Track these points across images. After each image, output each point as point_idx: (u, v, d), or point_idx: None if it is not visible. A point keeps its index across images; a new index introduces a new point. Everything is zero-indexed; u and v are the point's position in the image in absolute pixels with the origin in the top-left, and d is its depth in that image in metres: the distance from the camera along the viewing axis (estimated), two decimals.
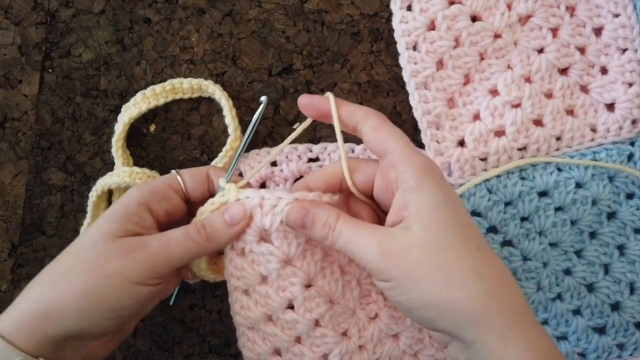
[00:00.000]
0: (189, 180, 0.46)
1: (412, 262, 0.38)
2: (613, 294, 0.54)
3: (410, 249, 0.38)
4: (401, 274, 0.38)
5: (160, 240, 0.42)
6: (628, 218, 0.54)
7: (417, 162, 0.40)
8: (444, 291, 0.37)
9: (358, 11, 0.55)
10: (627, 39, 0.53)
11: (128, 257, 0.41)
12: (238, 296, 0.45)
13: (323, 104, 0.43)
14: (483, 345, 0.37)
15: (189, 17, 0.55)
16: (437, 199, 0.39)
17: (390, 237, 0.39)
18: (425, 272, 0.38)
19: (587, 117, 0.54)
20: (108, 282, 0.41)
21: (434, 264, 0.38)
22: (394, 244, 0.39)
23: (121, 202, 0.44)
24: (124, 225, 0.43)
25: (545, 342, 0.37)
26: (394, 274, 0.38)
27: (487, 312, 0.37)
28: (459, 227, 0.39)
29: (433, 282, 0.37)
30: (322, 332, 0.45)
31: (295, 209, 0.42)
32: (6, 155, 0.55)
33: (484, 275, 0.38)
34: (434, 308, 0.38)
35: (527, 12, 0.53)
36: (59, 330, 0.40)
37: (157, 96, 0.54)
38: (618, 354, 0.54)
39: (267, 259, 0.44)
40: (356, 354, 0.46)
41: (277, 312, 0.44)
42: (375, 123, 0.42)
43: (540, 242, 0.53)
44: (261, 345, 0.46)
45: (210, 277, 0.47)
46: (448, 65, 0.53)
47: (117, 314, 0.42)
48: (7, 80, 0.55)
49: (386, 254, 0.38)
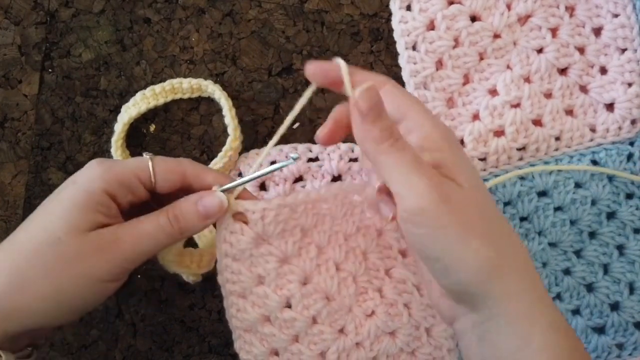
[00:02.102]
0: (161, 173, 0.42)
1: (468, 216, 0.37)
2: (612, 294, 0.54)
3: (469, 205, 0.37)
4: (455, 221, 0.36)
5: (132, 236, 0.40)
6: (627, 218, 0.54)
7: (440, 125, 0.40)
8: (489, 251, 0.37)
9: (358, 11, 0.56)
10: (627, 39, 0.53)
11: (98, 257, 0.39)
12: (234, 300, 0.45)
13: (334, 70, 0.39)
14: (506, 319, 0.36)
15: (188, 17, 0.56)
16: (468, 161, 0.40)
17: (448, 186, 0.37)
18: (477, 232, 0.37)
19: (587, 117, 0.54)
20: (76, 283, 0.39)
21: (484, 225, 0.38)
22: (453, 194, 0.37)
23: (83, 189, 0.40)
24: (90, 216, 0.40)
25: (565, 323, 0.38)
26: (446, 220, 0.36)
27: (520, 282, 0.37)
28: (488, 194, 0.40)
29: (481, 242, 0.36)
30: (320, 329, 0.45)
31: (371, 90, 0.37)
32: (6, 155, 0.55)
33: (520, 251, 0.39)
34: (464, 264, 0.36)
35: (527, 12, 0.53)
36: (19, 328, 0.39)
37: (156, 96, 0.54)
38: (617, 354, 0.54)
39: (265, 260, 0.44)
40: (353, 351, 0.47)
41: (275, 312, 0.45)
42: (393, 89, 0.41)
43: (540, 242, 0.53)
44: (258, 346, 0.46)
45: (173, 269, 0.47)
46: (447, 65, 0.53)
47: (81, 310, 0.41)
48: (7, 80, 0.56)
49: (446, 200, 0.36)
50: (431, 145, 0.39)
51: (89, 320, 0.55)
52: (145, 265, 0.55)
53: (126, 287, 0.55)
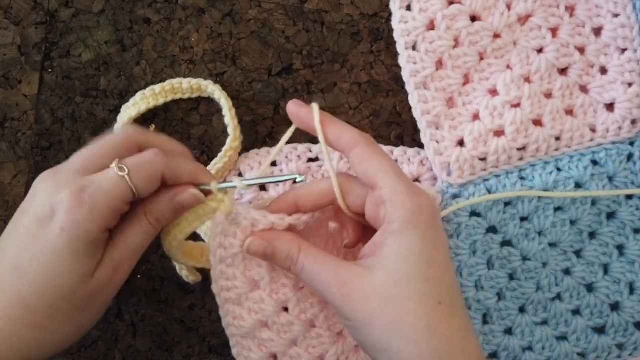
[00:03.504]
0: (142, 186, 0.40)
1: (369, 310, 0.38)
2: (612, 294, 0.54)
3: (369, 296, 0.38)
4: (359, 319, 0.38)
5: (128, 258, 0.42)
6: (627, 218, 0.53)
7: (406, 206, 0.38)
8: (395, 343, 0.37)
9: (358, 11, 0.56)
10: (627, 39, 0.53)
11: (108, 292, 0.41)
12: (230, 308, 0.45)
13: (310, 118, 0.41)
14: None
15: (188, 17, 0.56)
16: (412, 248, 0.38)
17: (352, 280, 0.39)
18: (380, 322, 0.38)
19: (587, 117, 0.54)
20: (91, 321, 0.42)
21: (389, 315, 0.38)
22: (354, 289, 0.38)
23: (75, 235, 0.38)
24: (94, 259, 0.40)
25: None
26: (353, 317, 0.38)
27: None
28: (424, 280, 0.38)
29: (386, 333, 0.37)
30: (318, 333, 0.45)
31: (256, 240, 0.42)
32: (6, 155, 0.55)
33: (438, 332, 0.38)
34: (385, 354, 0.38)
35: (527, 12, 0.53)
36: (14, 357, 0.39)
37: (156, 96, 0.54)
38: (618, 354, 0.54)
39: (259, 263, 0.44)
40: (352, 354, 0.47)
41: (272, 317, 0.44)
42: (363, 152, 0.40)
43: (540, 242, 0.53)
44: (257, 352, 0.46)
45: (183, 262, 0.47)
46: (447, 65, 0.53)
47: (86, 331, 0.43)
48: (6, 80, 0.56)
49: (346, 298, 0.38)
50: (386, 225, 0.39)
51: None
52: (145, 265, 0.55)
53: (126, 287, 0.55)
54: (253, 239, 0.42)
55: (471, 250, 0.53)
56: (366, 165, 0.40)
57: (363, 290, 0.38)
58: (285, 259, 0.41)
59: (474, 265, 0.53)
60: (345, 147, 0.41)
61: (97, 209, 0.39)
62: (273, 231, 0.42)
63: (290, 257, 0.41)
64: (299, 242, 0.41)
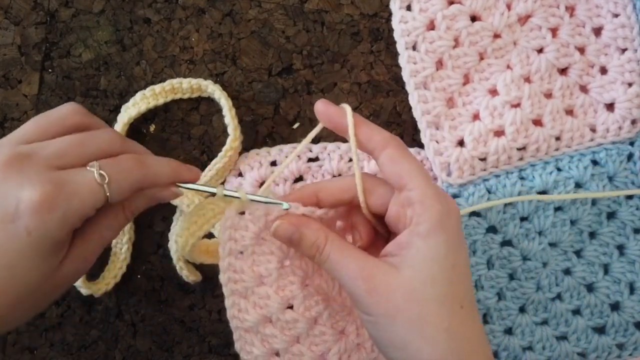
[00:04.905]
0: (118, 196, 0.40)
1: (393, 305, 0.38)
2: (613, 294, 0.54)
3: (394, 292, 0.38)
4: (382, 313, 0.38)
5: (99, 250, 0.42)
6: (628, 218, 0.54)
7: (436, 209, 0.38)
8: (415, 342, 0.37)
9: (358, 11, 0.56)
10: (627, 39, 0.53)
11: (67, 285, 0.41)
12: (235, 300, 0.45)
13: (340, 118, 0.41)
14: None
15: (188, 17, 0.56)
16: (439, 251, 0.38)
17: (378, 274, 0.39)
18: (403, 319, 0.38)
19: (587, 117, 0.54)
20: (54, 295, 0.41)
21: (412, 313, 0.38)
22: (380, 284, 0.38)
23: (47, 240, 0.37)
24: (57, 258, 0.39)
25: None
26: (375, 311, 0.38)
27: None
28: (448, 283, 0.39)
29: (407, 330, 0.38)
30: (321, 330, 0.45)
31: (284, 225, 0.41)
32: None
33: (457, 335, 0.38)
34: (402, 353, 0.38)
35: (527, 12, 0.53)
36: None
37: (156, 96, 0.54)
38: (618, 354, 0.54)
39: (267, 259, 0.44)
40: (354, 352, 0.47)
41: (277, 313, 0.45)
42: (394, 154, 0.40)
43: (540, 242, 0.53)
44: (259, 347, 0.46)
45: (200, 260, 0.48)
46: (447, 65, 0.53)
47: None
48: (6, 80, 0.56)
49: (371, 291, 0.38)
50: (413, 227, 0.39)
51: (89, 320, 0.55)
52: (145, 265, 0.55)
53: (126, 287, 0.55)
54: (281, 222, 0.41)
55: (471, 250, 0.53)
56: (397, 166, 0.40)
57: (389, 285, 0.38)
58: (311, 247, 0.41)
59: (474, 265, 0.53)
60: (376, 148, 0.41)
61: (69, 216, 0.37)
62: (302, 217, 0.42)
63: (316, 246, 0.40)
64: (327, 232, 0.41)
